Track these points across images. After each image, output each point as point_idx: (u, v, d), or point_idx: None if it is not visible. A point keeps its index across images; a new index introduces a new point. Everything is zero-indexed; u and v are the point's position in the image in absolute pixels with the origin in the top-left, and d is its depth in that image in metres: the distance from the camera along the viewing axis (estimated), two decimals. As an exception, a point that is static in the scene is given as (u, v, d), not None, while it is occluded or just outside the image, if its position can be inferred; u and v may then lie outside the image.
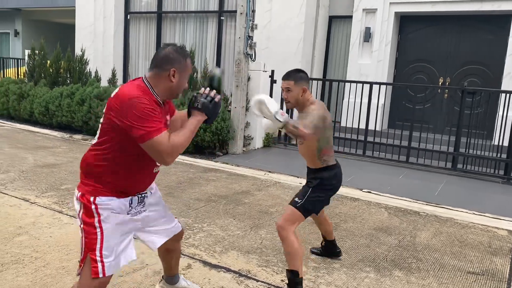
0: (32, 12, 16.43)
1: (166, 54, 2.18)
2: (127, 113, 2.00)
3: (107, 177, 2.14)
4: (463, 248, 4.12)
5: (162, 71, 2.16)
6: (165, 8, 11.59)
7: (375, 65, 8.89)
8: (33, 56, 10.71)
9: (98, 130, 2.19)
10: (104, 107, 2.14)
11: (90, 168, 2.18)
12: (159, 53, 2.20)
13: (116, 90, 2.12)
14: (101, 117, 2.29)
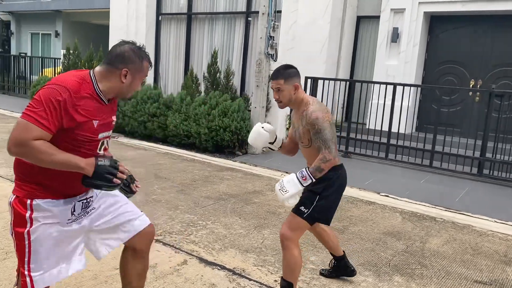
0: (71, 14, 17.08)
1: (121, 52, 2.01)
2: (36, 92, 1.88)
3: (42, 176, 1.95)
4: (475, 256, 3.94)
5: (114, 68, 2.00)
6: (195, 9, 11.76)
7: (402, 66, 8.66)
8: (68, 55, 11.13)
9: None
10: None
11: (23, 167, 1.97)
12: (114, 49, 2.04)
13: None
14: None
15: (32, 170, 1.93)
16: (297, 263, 2.74)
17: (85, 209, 2.11)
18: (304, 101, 2.86)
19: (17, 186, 1.99)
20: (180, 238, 3.82)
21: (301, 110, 2.87)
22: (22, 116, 1.81)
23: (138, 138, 8.76)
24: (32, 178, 1.95)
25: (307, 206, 2.76)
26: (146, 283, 2.95)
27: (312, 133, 2.72)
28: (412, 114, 8.65)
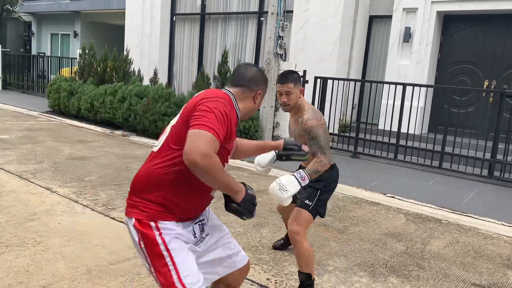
0: (89, 15, 17.37)
1: (254, 75, 2.05)
2: (201, 104, 1.77)
3: (171, 196, 1.81)
4: (477, 259, 3.87)
5: (249, 91, 2.03)
6: (208, 9, 11.84)
7: (414, 66, 8.54)
8: (83, 55, 11.33)
9: (165, 136, 1.87)
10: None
11: (152, 185, 1.81)
12: (246, 72, 2.06)
13: (196, 95, 1.92)
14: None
15: (161, 188, 1.80)
16: (310, 254, 2.91)
17: (202, 233, 2.01)
18: (302, 107, 3.00)
19: (134, 207, 1.82)
20: (178, 235, 3.85)
21: (298, 114, 3.01)
22: (202, 127, 1.67)
23: (150, 137, 8.86)
24: (158, 198, 1.80)
25: (311, 200, 2.98)
26: (139, 278, 3.00)
27: (307, 139, 2.89)
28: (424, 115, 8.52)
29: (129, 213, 1.84)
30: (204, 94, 1.87)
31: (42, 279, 2.92)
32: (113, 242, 3.60)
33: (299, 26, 9.44)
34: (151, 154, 1.90)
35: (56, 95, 11.17)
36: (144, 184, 1.82)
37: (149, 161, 1.88)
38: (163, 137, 1.89)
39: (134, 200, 1.84)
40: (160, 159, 1.83)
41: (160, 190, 1.80)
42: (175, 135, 1.83)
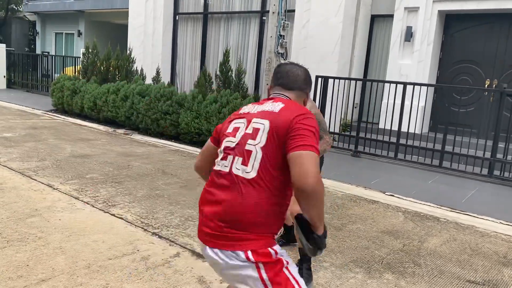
0: (93, 14, 17.46)
1: (306, 76, 1.99)
2: (297, 124, 1.70)
3: (275, 220, 1.75)
4: (473, 256, 3.90)
5: (303, 94, 1.98)
6: (211, 9, 11.89)
7: (415, 65, 8.56)
8: (87, 54, 11.40)
9: (258, 156, 1.71)
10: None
11: (262, 218, 1.70)
12: (299, 73, 1.97)
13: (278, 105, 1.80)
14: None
15: (269, 217, 1.72)
16: None
17: None
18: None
19: (241, 240, 1.69)
20: (176, 231, 3.90)
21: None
22: (309, 148, 1.61)
23: (151, 136, 8.92)
24: (272, 228, 1.74)
25: None
26: (136, 273, 3.05)
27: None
28: (426, 114, 8.53)
29: (234, 246, 1.68)
30: (293, 110, 1.75)
31: (41, 273, 2.97)
32: (112, 238, 3.65)
33: (301, 25, 9.47)
34: (241, 180, 1.71)
35: (59, 94, 11.25)
36: (253, 219, 1.69)
37: (245, 191, 1.69)
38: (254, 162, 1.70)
39: (239, 233, 1.69)
40: (266, 190, 1.69)
41: (268, 218, 1.72)
42: (272, 160, 1.69)
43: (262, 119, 1.77)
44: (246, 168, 1.71)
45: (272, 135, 1.70)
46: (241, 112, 1.93)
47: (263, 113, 1.80)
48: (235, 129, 1.86)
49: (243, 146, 1.76)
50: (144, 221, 4.09)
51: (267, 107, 1.84)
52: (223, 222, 1.71)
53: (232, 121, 1.92)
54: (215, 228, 1.72)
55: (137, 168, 6.11)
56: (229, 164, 1.77)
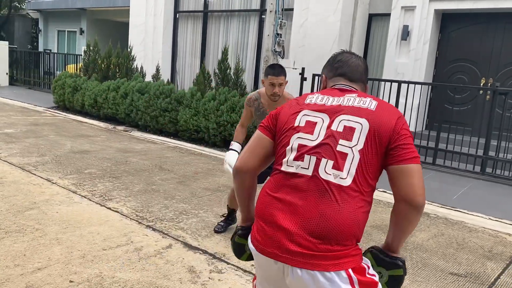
0: (95, 12, 17.59)
1: (366, 67, 1.81)
2: (402, 131, 1.55)
3: (363, 228, 1.59)
4: (459, 251, 4.00)
5: (364, 87, 1.80)
6: (211, 7, 12.00)
7: (412, 64, 8.64)
8: (88, 52, 11.53)
9: (354, 161, 1.51)
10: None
11: (359, 225, 1.53)
12: (358, 63, 1.78)
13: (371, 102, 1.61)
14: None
15: (361, 228, 1.55)
16: None
17: None
18: (285, 95, 3.39)
19: (339, 258, 1.48)
20: (170, 224, 4.02)
21: (279, 102, 3.23)
22: (418, 161, 1.53)
23: (151, 132, 9.04)
24: (359, 239, 1.56)
25: None
26: (129, 263, 3.17)
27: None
28: (421, 112, 8.62)
29: (336, 266, 1.46)
30: (392, 111, 1.58)
31: (38, 262, 3.09)
32: (107, 230, 3.77)
33: (299, 24, 9.56)
34: (334, 186, 1.50)
35: (61, 91, 11.39)
36: (352, 231, 1.50)
37: (340, 200, 1.49)
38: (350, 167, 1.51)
39: (339, 250, 1.48)
40: (360, 198, 1.53)
41: (361, 228, 1.56)
42: (370, 166, 1.53)
43: (357, 117, 1.55)
44: (340, 173, 1.50)
45: (373, 138, 1.52)
46: (310, 102, 1.67)
47: (354, 109, 1.58)
48: (310, 124, 1.60)
49: (334, 147, 1.53)
50: (139, 215, 4.21)
51: (353, 101, 1.61)
52: (317, 237, 1.47)
53: (299, 112, 1.64)
54: (306, 246, 1.47)
55: (135, 164, 6.23)
56: (310, 167, 1.54)
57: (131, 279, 2.96)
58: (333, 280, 1.46)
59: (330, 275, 1.45)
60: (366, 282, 1.51)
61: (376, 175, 1.57)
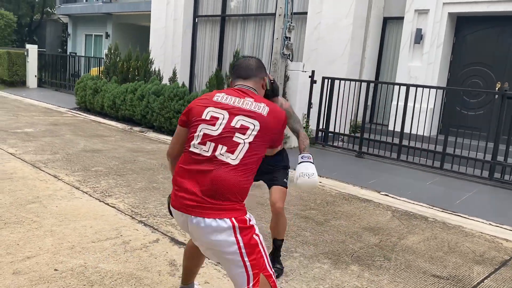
0: (120, 17, 18.09)
1: (258, 64, 2.35)
2: (282, 130, 2.22)
3: (247, 193, 2.11)
4: (448, 254, 3.97)
5: (258, 79, 2.33)
6: (228, 11, 12.18)
7: (425, 67, 8.55)
8: (109, 55, 11.89)
9: (244, 148, 2.05)
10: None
11: (240, 189, 2.03)
12: (249, 63, 2.34)
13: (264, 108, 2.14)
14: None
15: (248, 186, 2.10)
16: (286, 222, 3.39)
17: None
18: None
19: (227, 209, 2.01)
20: (162, 220, 4.15)
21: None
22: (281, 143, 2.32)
23: (165, 134, 9.24)
24: (243, 196, 2.07)
25: (287, 178, 3.40)
26: (114, 255, 3.31)
27: (289, 119, 3.26)
28: (434, 116, 8.51)
29: (221, 215, 1.99)
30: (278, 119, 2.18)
31: (29, 251, 3.27)
32: (101, 224, 3.94)
33: (312, 27, 9.61)
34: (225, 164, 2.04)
35: (82, 93, 11.78)
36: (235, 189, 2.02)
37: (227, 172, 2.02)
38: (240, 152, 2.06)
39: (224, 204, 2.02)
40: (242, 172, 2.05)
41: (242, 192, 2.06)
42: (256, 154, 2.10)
43: (252, 119, 2.09)
44: (231, 155, 2.04)
45: (261, 135, 2.08)
46: (216, 100, 2.16)
47: (250, 112, 2.10)
48: (213, 118, 2.10)
49: (231, 138, 2.06)
50: (135, 210, 4.36)
51: (250, 105, 2.13)
52: (208, 196, 2.00)
53: (206, 107, 2.14)
54: (200, 201, 2.01)
55: (142, 163, 6.41)
56: (210, 150, 2.06)
57: (112, 270, 3.10)
58: (219, 226, 1.98)
59: (216, 221, 1.98)
60: (242, 227, 2.00)
61: (259, 154, 2.11)
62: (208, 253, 2.20)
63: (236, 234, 1.99)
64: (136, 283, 2.95)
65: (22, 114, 10.35)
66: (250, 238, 2.03)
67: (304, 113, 8.32)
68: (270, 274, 2.07)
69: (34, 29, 24.85)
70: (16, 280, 2.85)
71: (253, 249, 2.03)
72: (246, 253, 2.01)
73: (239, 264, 2.02)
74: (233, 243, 1.99)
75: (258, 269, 2.04)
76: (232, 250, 2.00)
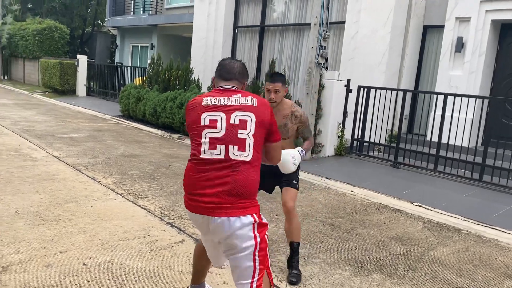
0: (165, 28, 18.71)
1: (241, 68, 2.36)
2: (273, 120, 2.27)
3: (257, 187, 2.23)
4: (478, 267, 3.83)
5: (238, 83, 2.33)
6: (267, 22, 12.34)
7: (466, 76, 8.30)
8: (152, 65, 12.33)
9: (251, 143, 2.15)
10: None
11: (255, 186, 2.17)
12: (233, 66, 2.34)
13: (252, 99, 2.21)
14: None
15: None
16: (299, 223, 3.44)
17: None
18: (289, 103, 3.48)
19: (248, 206, 2.14)
20: (189, 223, 4.27)
21: (288, 110, 3.43)
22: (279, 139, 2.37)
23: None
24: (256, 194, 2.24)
25: (296, 179, 3.48)
26: (140, 253, 3.44)
27: (303, 127, 3.49)
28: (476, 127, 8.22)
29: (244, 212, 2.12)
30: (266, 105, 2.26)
31: (61, 246, 3.47)
32: (130, 224, 4.10)
33: (350, 37, 9.57)
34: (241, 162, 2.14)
35: (126, 101, 12.27)
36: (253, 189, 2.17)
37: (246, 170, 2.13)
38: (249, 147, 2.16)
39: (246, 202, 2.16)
40: (256, 166, 2.19)
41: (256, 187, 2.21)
42: (259, 145, 2.23)
43: (246, 112, 2.16)
44: (244, 153, 2.13)
45: (259, 125, 2.17)
46: (206, 104, 2.21)
47: (242, 106, 2.17)
48: (213, 121, 2.16)
49: (236, 136, 2.13)
50: (164, 213, 4.51)
51: (239, 100, 2.20)
52: (231, 195, 2.11)
53: (201, 114, 2.20)
54: (223, 202, 2.11)
55: (177, 168, 6.60)
56: (222, 152, 2.13)
57: (136, 267, 3.23)
58: (243, 223, 2.10)
59: (240, 219, 2.10)
60: (261, 223, 2.16)
61: (262, 149, 2.24)
62: (214, 252, 2.36)
63: (255, 230, 2.13)
64: (157, 280, 3.06)
65: (69, 120, 10.91)
66: (264, 235, 2.18)
67: (339, 122, 8.27)
68: (271, 273, 2.23)
69: (86, 41, 26.12)
70: (47, 272, 3.04)
71: (264, 246, 2.17)
72: (259, 248, 2.14)
73: (250, 258, 2.13)
74: (251, 238, 2.12)
75: (263, 266, 2.17)
76: (248, 245, 2.12)
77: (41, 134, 8.45)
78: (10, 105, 13.34)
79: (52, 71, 17.82)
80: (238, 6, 13.01)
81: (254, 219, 2.13)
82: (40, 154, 6.68)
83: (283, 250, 3.78)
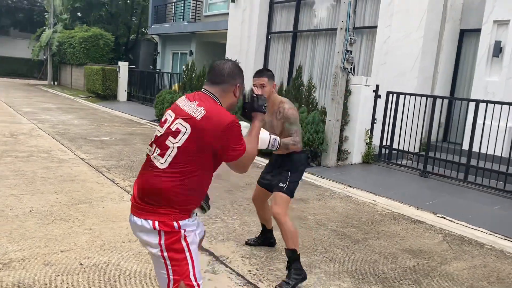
0: (202, 35, 19.03)
1: (231, 69, 2.17)
2: (228, 138, 2.01)
3: (187, 200, 2.05)
4: (494, 284, 3.58)
5: (229, 86, 2.16)
6: (300, 27, 12.27)
7: (504, 82, 7.86)
8: (186, 71, 12.56)
9: (172, 153, 2.01)
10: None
11: (167, 195, 2.00)
12: (222, 67, 2.17)
13: (200, 112, 2.02)
14: None
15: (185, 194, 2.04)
16: (293, 231, 3.23)
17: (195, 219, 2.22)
18: (278, 100, 3.40)
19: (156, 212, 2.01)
20: (194, 227, 4.26)
21: (275, 107, 3.38)
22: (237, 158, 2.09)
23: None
24: (178, 203, 2.02)
25: (283, 182, 3.34)
26: (138, 255, 3.47)
27: (287, 124, 3.31)
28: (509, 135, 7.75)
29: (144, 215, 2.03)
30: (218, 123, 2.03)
31: (64, 245, 3.56)
32: (136, 226, 4.15)
33: (382, 41, 9.33)
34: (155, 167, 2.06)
35: (161, 106, 12.53)
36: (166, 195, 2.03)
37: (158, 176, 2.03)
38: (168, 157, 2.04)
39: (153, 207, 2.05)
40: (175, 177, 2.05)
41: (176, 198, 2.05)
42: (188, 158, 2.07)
43: (185, 123, 2.01)
44: (161, 159, 2.03)
45: (192, 141, 1.99)
46: (176, 104, 2.16)
47: (187, 115, 2.03)
48: (164, 120, 2.12)
49: (164, 141, 2.04)
50: (173, 216, 4.53)
51: (189, 108, 2.06)
52: (139, 197, 2.07)
53: (167, 110, 2.19)
54: (135, 201, 2.09)
55: (197, 172, 6.63)
56: (151, 152, 2.10)
57: (131, 269, 3.26)
58: (143, 226, 2.01)
59: (140, 221, 2.02)
60: (166, 231, 1.99)
61: (197, 162, 2.03)
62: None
63: (160, 237, 2.00)
64: (147, 283, 3.07)
65: (105, 124, 11.28)
66: (174, 243, 2.01)
67: (366, 129, 8.05)
68: (192, 285, 2.03)
69: (130, 48, 27.02)
70: (43, 270, 3.12)
71: (177, 255, 2.01)
72: (168, 257, 2.01)
73: (162, 266, 2.04)
74: (156, 246, 2.01)
75: (179, 276, 2.01)
76: (155, 252, 2.02)
77: (74, 137, 8.77)
78: (54, 109, 13.98)
79: (95, 77, 18.55)
80: (272, 12, 13.03)
81: (154, 225, 1.98)
82: (68, 156, 6.93)
83: (282, 258, 3.69)
